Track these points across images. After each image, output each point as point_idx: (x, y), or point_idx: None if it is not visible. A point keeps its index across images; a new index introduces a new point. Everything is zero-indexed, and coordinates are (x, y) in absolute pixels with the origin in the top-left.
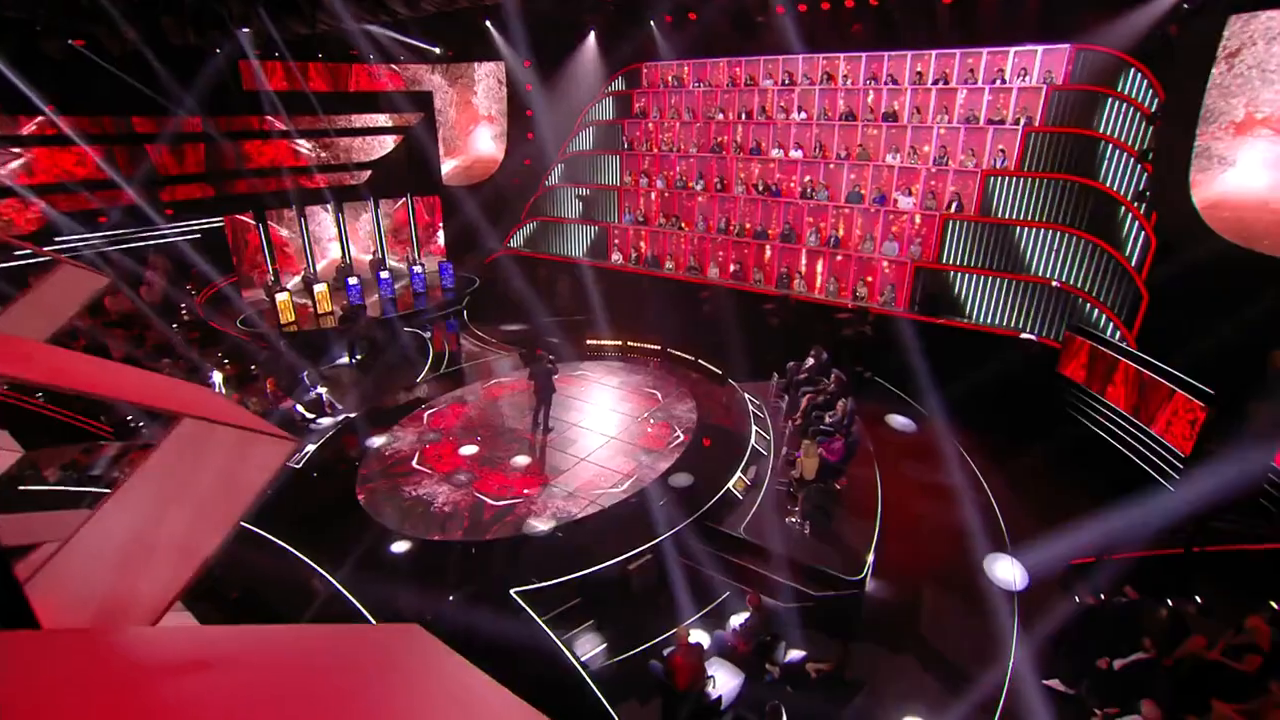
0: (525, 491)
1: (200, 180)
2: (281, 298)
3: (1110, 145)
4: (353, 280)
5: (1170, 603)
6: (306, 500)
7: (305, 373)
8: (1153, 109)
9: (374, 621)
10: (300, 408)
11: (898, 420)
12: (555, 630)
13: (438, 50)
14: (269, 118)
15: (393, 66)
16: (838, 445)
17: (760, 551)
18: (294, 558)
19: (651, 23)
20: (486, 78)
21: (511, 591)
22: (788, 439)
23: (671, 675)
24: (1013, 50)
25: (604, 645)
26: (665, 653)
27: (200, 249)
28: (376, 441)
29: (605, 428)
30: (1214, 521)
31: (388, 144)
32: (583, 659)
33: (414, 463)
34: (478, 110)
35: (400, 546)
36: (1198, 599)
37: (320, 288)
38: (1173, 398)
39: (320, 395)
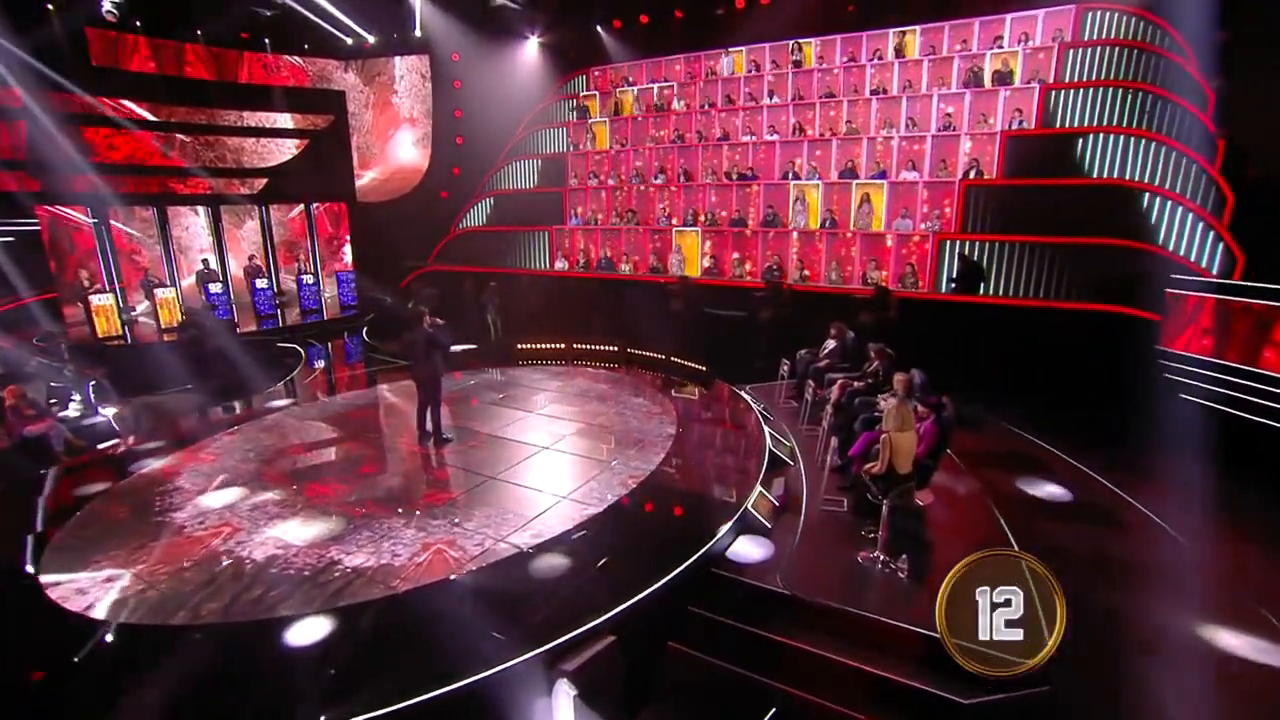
0: (399, 527)
1: (17, 169)
2: (100, 301)
3: (1151, 95)
4: (215, 287)
5: None
6: None
7: (91, 384)
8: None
9: None
10: (66, 432)
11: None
12: None
13: (349, 41)
14: (126, 103)
15: (290, 58)
16: (925, 427)
17: (823, 617)
18: None
19: (599, 28)
20: (409, 73)
21: None
22: (822, 442)
23: None
24: (1009, 17)
25: None
26: None
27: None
28: (147, 467)
29: (536, 437)
30: None
31: (288, 148)
32: None
33: (197, 496)
34: (399, 112)
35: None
36: None
37: (165, 293)
38: None
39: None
